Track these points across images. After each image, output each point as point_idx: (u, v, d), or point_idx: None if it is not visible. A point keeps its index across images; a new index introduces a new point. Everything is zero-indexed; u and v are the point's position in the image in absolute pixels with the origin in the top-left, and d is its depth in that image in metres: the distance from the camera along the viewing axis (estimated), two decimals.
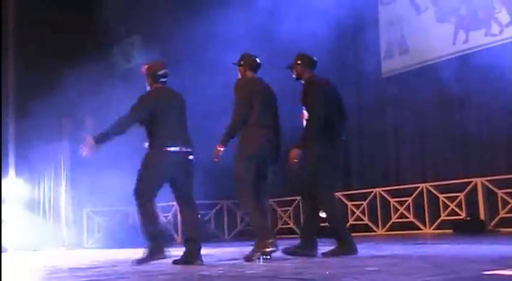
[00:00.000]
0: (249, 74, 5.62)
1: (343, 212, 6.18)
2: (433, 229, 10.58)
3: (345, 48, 12.27)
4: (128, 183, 5.64)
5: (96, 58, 14.80)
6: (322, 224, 11.34)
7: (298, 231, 12.97)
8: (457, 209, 10.32)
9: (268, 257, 5.09)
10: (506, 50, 10.05)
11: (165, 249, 5.18)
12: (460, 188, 10.37)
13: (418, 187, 10.91)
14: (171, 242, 5.20)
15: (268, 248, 5.09)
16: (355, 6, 11.83)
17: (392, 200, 11.32)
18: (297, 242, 5.72)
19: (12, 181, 13.08)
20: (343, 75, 12.37)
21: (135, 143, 5.96)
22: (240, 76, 5.65)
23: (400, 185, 11.38)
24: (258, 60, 5.71)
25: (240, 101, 5.35)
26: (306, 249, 5.51)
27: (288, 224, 13.26)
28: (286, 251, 5.47)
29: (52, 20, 13.62)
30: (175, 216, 13.07)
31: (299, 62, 5.74)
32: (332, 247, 5.46)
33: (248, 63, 5.64)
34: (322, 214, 10.94)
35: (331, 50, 10.98)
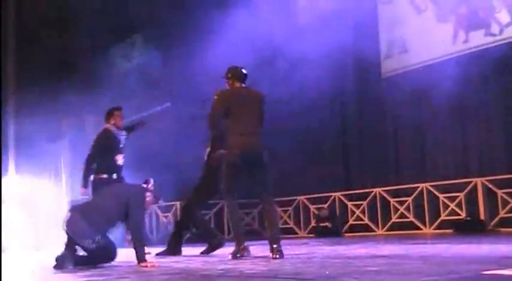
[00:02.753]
0: (236, 85, 5.88)
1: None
2: (433, 229, 10.58)
3: (345, 48, 12.26)
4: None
5: (97, 58, 14.81)
6: (322, 224, 11.36)
7: (297, 231, 12.99)
8: (457, 209, 10.32)
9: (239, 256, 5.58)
10: (506, 50, 10.04)
11: None
12: (460, 188, 10.37)
13: (418, 187, 10.91)
14: None
15: (240, 253, 5.60)
16: (355, 6, 11.83)
17: (392, 200, 11.32)
18: (296, 241, 5.77)
19: (13, 180, 13.08)
20: (343, 75, 12.40)
21: (135, 144, 6.00)
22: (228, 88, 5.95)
23: (400, 185, 11.38)
24: (244, 71, 5.96)
25: (213, 107, 5.72)
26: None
27: (288, 224, 13.26)
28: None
29: (53, 20, 13.62)
30: (175, 216, 13.07)
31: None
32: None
33: (235, 75, 5.89)
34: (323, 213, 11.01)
35: (331, 50, 10.97)
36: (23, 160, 13.10)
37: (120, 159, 7.30)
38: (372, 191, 11.65)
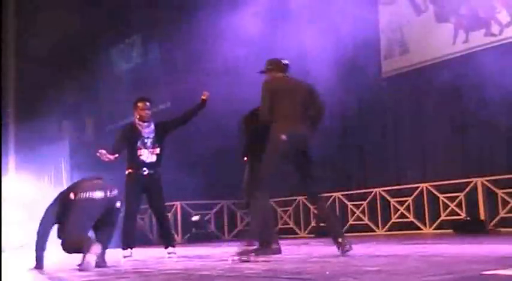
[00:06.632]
0: (278, 75, 5.76)
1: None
2: (433, 229, 10.58)
3: (345, 48, 12.27)
4: None
5: (96, 59, 14.83)
6: (322, 224, 11.36)
7: (297, 231, 12.99)
8: (457, 209, 10.32)
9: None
10: (506, 50, 10.04)
11: None
12: (460, 188, 10.37)
13: (418, 187, 10.91)
14: None
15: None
16: (355, 6, 11.83)
17: (392, 200, 11.32)
18: (296, 241, 5.77)
19: (13, 181, 13.09)
20: (343, 76, 12.39)
21: None
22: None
23: (400, 185, 11.38)
24: (285, 61, 5.89)
25: (262, 98, 5.54)
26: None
27: (288, 224, 13.26)
28: None
29: (53, 21, 13.64)
30: (175, 216, 13.08)
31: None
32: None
33: (276, 66, 5.82)
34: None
35: (331, 50, 10.98)
36: (23, 161, 13.12)
37: (144, 154, 6.87)
38: (372, 191, 11.65)
